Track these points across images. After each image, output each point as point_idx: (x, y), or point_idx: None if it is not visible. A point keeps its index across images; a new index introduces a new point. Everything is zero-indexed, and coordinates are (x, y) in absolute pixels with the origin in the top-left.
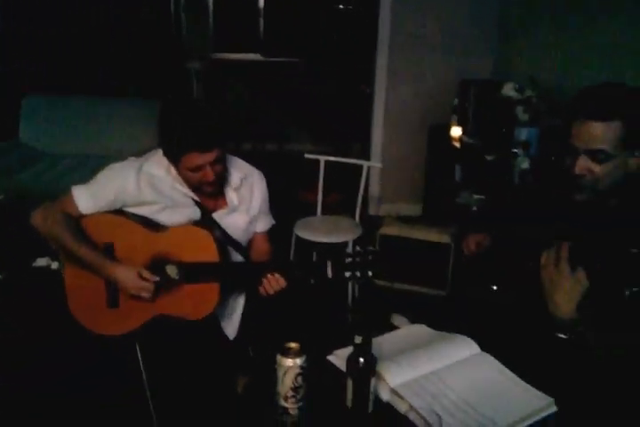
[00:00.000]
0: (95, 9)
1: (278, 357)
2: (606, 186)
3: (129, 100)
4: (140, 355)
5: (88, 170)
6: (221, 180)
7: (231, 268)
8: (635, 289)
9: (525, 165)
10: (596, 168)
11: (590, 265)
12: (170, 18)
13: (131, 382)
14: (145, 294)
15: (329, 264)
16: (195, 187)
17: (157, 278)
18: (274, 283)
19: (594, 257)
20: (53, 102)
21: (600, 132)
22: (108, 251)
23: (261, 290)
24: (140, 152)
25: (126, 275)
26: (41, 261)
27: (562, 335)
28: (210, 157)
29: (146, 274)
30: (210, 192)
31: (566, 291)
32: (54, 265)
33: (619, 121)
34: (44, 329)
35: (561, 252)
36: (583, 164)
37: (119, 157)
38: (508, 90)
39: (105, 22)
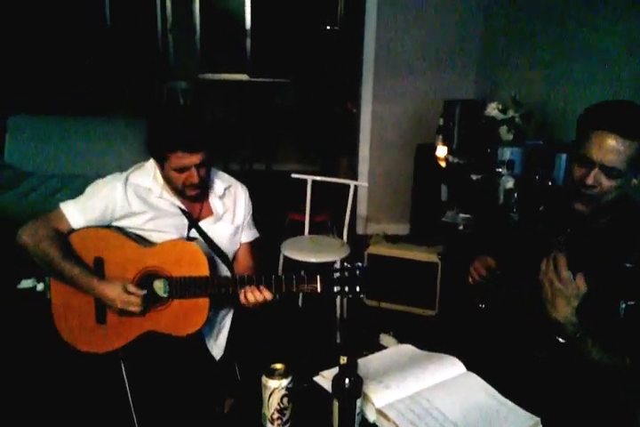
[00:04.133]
0: (83, 29)
1: (264, 378)
2: (609, 200)
3: (115, 119)
4: (125, 375)
5: (74, 190)
6: (206, 185)
7: (221, 282)
8: (630, 303)
9: (510, 184)
10: (606, 182)
11: (588, 272)
12: (157, 38)
13: (116, 401)
14: (133, 309)
15: (318, 279)
16: (179, 190)
17: (144, 292)
18: (257, 294)
19: (590, 267)
20: (39, 122)
21: (621, 148)
22: (98, 265)
23: (242, 300)
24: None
25: (112, 290)
26: (26, 283)
27: (560, 339)
28: (196, 158)
29: (131, 288)
30: (193, 196)
31: (566, 295)
32: (39, 287)
33: (638, 142)
34: (28, 350)
35: (559, 259)
36: (596, 176)
37: (106, 175)
38: (492, 110)
39: (92, 42)
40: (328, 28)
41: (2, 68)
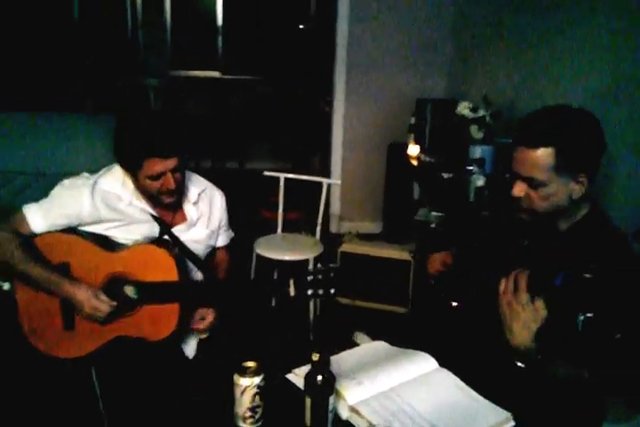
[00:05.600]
0: (51, 24)
1: (235, 376)
2: (545, 209)
3: (84, 115)
4: (95, 377)
5: (42, 188)
6: (181, 192)
7: (191, 287)
8: (588, 315)
9: (481, 182)
10: (531, 193)
11: (548, 292)
12: (127, 34)
13: (86, 405)
14: (100, 315)
15: (291, 283)
16: (154, 198)
17: (114, 303)
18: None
19: (550, 283)
20: (4, 118)
21: (531, 159)
22: (64, 271)
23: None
24: (97, 169)
25: (83, 294)
26: None
27: (520, 364)
28: (170, 163)
29: (103, 297)
30: (169, 203)
31: (524, 321)
32: (6, 286)
33: (551, 148)
34: None
35: (519, 280)
36: (520, 187)
37: (75, 174)
38: (463, 109)
39: (61, 38)
40: (301, 26)
41: None
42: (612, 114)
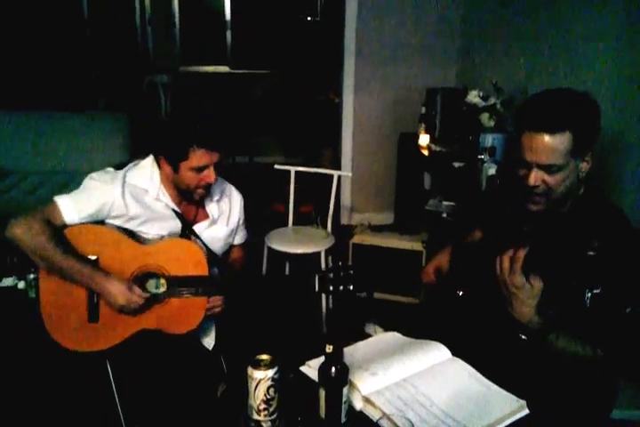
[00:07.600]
0: (61, 23)
1: (249, 369)
2: (561, 191)
3: (95, 114)
4: (110, 370)
5: (55, 186)
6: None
7: (219, 282)
8: (595, 291)
9: (492, 170)
10: (549, 179)
11: (547, 269)
12: (135, 31)
13: (101, 397)
14: (133, 306)
15: (316, 278)
16: (187, 192)
17: (147, 295)
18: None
19: (550, 261)
20: (16, 118)
21: (551, 146)
22: (94, 262)
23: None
24: (109, 166)
25: (116, 287)
26: (6, 282)
27: (523, 336)
28: (215, 157)
29: (137, 290)
30: (200, 197)
31: (522, 299)
32: (21, 285)
33: (569, 131)
34: (9, 349)
35: (515, 262)
36: (537, 176)
37: (86, 173)
38: (473, 97)
39: (71, 36)
40: (309, 18)
41: None
42: (627, 100)
